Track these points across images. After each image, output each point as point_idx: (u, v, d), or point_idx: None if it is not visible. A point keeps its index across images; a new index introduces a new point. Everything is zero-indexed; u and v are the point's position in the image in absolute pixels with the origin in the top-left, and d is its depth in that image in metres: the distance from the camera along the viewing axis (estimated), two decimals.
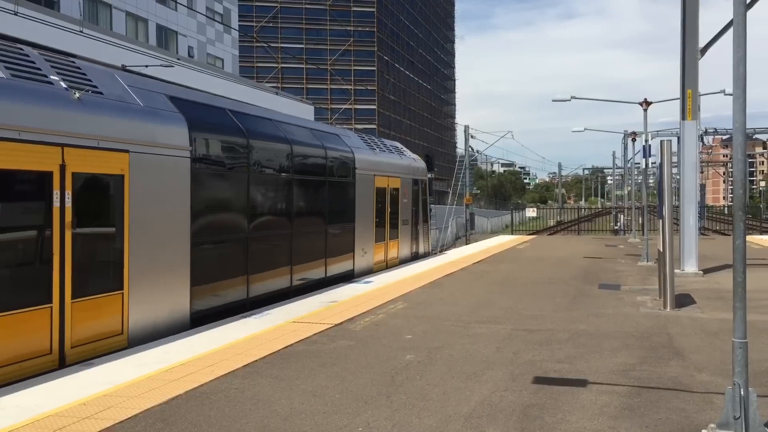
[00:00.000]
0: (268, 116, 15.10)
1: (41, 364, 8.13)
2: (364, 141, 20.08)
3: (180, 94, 11.90)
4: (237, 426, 6.21)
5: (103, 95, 9.59)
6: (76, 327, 8.66)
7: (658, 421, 6.36)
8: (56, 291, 8.38)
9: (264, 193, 13.65)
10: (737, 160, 6.12)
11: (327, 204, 16.35)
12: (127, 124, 9.70)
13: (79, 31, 20.72)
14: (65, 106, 8.69)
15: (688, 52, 18.30)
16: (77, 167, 8.72)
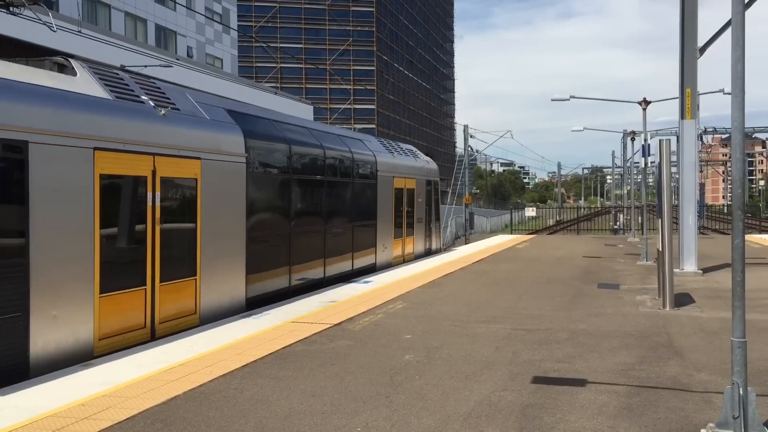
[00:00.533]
0: (304, 125, 16.80)
1: (138, 336, 9.74)
2: (383, 145, 21.52)
3: (235, 108, 13.66)
4: (235, 426, 6.20)
5: (180, 111, 11.22)
6: (162, 306, 10.32)
7: (657, 420, 6.35)
8: (149, 276, 10.02)
9: (302, 194, 15.25)
10: (736, 159, 6.12)
11: (353, 203, 17.86)
12: (199, 135, 11.33)
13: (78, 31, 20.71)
14: (155, 122, 10.33)
15: (686, 51, 18.30)
16: (164, 173, 10.37)
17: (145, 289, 9.93)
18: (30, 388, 7.27)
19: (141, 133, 9.92)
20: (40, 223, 8.19)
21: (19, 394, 7.06)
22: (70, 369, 8.08)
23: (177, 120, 10.90)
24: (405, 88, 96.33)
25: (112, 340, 9.28)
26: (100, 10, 40.32)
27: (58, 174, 8.50)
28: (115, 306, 9.36)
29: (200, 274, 11.18)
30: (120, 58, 24.34)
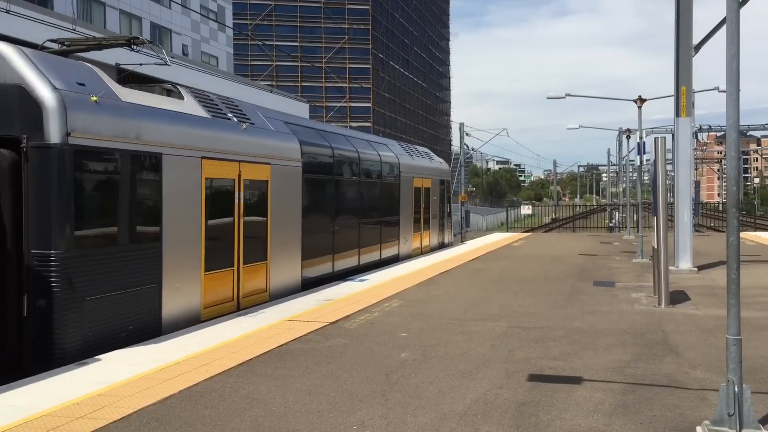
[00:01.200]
0: (342, 132, 19.32)
1: (228, 308, 11.92)
2: (404, 148, 23.87)
3: (289, 120, 15.98)
4: (231, 425, 6.19)
5: (254, 125, 13.40)
6: (245, 284, 12.54)
7: (653, 418, 6.36)
8: (236, 259, 12.20)
9: (342, 193, 17.50)
10: (731, 156, 6.12)
11: (381, 201, 20.19)
12: (269, 144, 13.59)
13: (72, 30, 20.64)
14: (239, 134, 12.53)
15: (682, 49, 18.33)
16: (246, 176, 12.60)
17: (233, 269, 12.19)
18: (25, 387, 7.25)
19: (231, 143, 12.15)
20: (168, 216, 10.37)
21: (14, 393, 7.04)
22: (66, 368, 8.07)
23: (253, 132, 13.17)
24: (401, 86, 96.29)
25: (212, 309, 11.39)
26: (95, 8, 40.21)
27: (180, 178, 10.70)
28: (214, 282, 11.53)
29: (270, 259, 13.53)
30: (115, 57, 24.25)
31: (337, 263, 16.83)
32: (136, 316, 9.71)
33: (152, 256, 9.99)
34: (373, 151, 20.04)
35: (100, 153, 9.19)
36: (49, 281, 8.41)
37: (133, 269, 9.64)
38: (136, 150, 9.78)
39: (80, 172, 8.86)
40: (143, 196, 10.01)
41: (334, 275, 16.47)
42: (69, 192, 8.65)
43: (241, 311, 11.87)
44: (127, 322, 9.51)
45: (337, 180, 17.10)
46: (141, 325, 9.73)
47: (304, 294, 14.02)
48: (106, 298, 9.11)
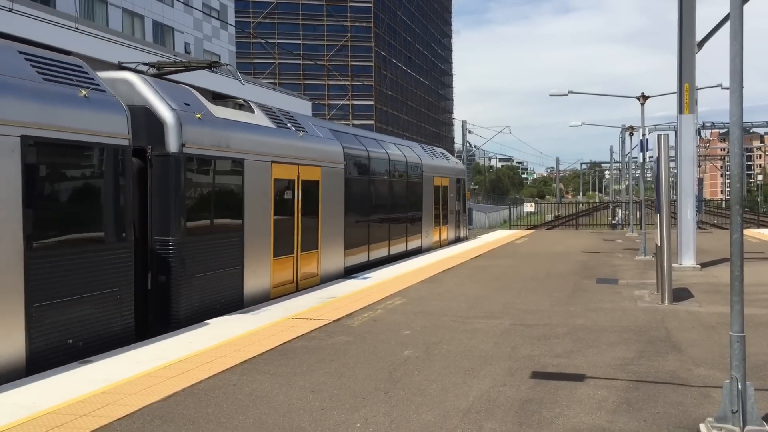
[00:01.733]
0: (374, 137, 21.70)
1: (289, 288, 14.14)
2: (425, 150, 26.14)
3: (333, 127, 18.52)
4: (235, 422, 6.21)
5: (307, 133, 15.62)
6: (302, 269, 14.78)
7: (656, 415, 6.36)
8: (295, 247, 14.47)
9: (376, 191, 19.70)
10: (734, 153, 6.12)
11: (407, 198, 22.36)
12: (319, 149, 15.76)
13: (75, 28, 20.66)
14: (297, 141, 14.81)
15: (684, 46, 18.28)
16: (303, 177, 14.80)
17: (293, 256, 14.40)
18: (29, 385, 7.27)
19: (291, 149, 14.40)
20: (248, 211, 12.60)
21: (17, 391, 7.06)
22: (67, 366, 8.08)
23: (307, 139, 15.34)
24: (403, 83, 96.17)
25: (278, 289, 13.67)
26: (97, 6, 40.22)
27: (256, 179, 12.89)
28: (279, 266, 13.79)
29: (320, 248, 15.69)
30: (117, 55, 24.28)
31: (372, 253, 19.21)
32: (227, 291, 12.02)
33: (237, 243, 12.37)
34: (400, 153, 22.25)
35: (203, 160, 11.39)
36: (168, 261, 10.65)
37: (224, 254, 12.00)
38: (227, 156, 12.09)
39: (190, 175, 11.05)
40: (231, 195, 12.26)
41: (369, 263, 18.82)
42: (182, 191, 10.87)
43: (245, 309, 11.97)
44: (221, 296, 11.83)
45: (372, 179, 19.37)
46: (230, 299, 12.07)
47: (306, 292, 14.05)
48: (206, 276, 11.41)
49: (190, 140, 11.01)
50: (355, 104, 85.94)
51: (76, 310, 8.64)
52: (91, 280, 8.90)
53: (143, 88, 10.98)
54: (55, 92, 8.66)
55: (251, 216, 12.69)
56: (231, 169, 12.22)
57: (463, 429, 6.02)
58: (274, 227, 13.54)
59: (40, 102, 8.36)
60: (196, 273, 11.08)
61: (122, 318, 9.44)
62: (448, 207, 27.03)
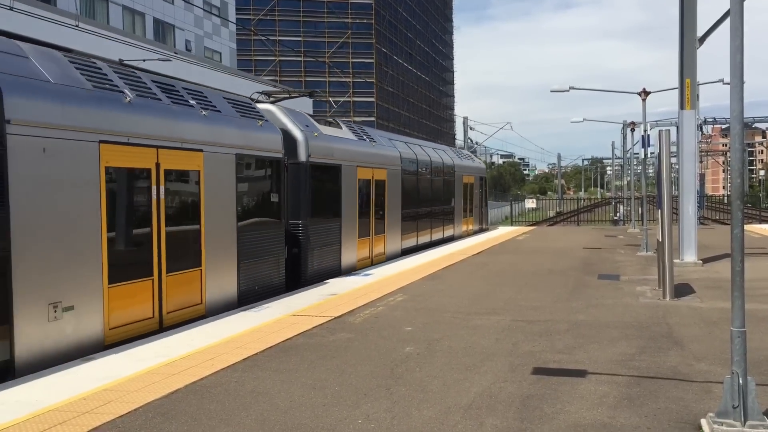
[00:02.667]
0: (418, 142, 26.12)
1: (367, 263, 18.42)
2: (454, 152, 31.10)
3: (390, 136, 22.95)
4: (237, 419, 6.22)
5: (376, 142, 20.07)
6: (374, 248, 19.11)
7: (657, 410, 6.37)
8: (371, 231, 18.83)
9: (422, 188, 23.92)
10: (734, 149, 6.11)
11: (444, 194, 26.61)
12: (384, 154, 20.23)
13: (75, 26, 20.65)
14: (373, 149, 19.38)
15: (686, 42, 18.25)
16: (375, 177, 19.20)
17: (369, 238, 18.85)
18: (31, 383, 7.29)
19: (369, 156, 18.85)
20: (343, 202, 16.95)
21: (20, 388, 7.08)
22: (71, 363, 8.10)
23: (377, 147, 19.95)
24: (404, 80, 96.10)
25: (360, 263, 18.08)
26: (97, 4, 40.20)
27: (348, 179, 17.24)
28: (362, 246, 18.28)
29: (386, 232, 20.12)
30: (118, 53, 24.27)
31: (419, 238, 23.58)
32: (332, 262, 16.34)
33: (337, 227, 16.69)
34: (438, 155, 26.49)
35: (318, 166, 15.73)
36: (299, 238, 14.94)
37: (330, 234, 16.29)
38: (332, 163, 16.46)
39: (311, 177, 15.25)
40: (334, 191, 16.64)
41: (417, 247, 23.04)
42: (307, 188, 15.15)
43: (243, 306, 11.98)
44: (329, 265, 16.11)
45: (418, 178, 23.55)
46: (333, 268, 16.38)
47: (308, 288, 14.07)
48: (321, 249, 15.75)
49: (312, 152, 15.41)
50: (356, 101, 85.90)
51: (259, 267, 12.96)
52: (266, 248, 13.26)
53: (281, 115, 15.31)
54: (246, 124, 12.89)
55: (344, 206, 17.10)
56: (333, 173, 16.60)
57: (464, 425, 6.03)
58: (358, 216, 17.96)
59: (241, 130, 12.64)
60: (316, 247, 15.52)
61: (279, 275, 13.78)
62: (473, 201, 31.27)
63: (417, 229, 23.23)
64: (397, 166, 21.04)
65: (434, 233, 25.30)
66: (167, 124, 10.56)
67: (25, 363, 7.86)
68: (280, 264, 13.77)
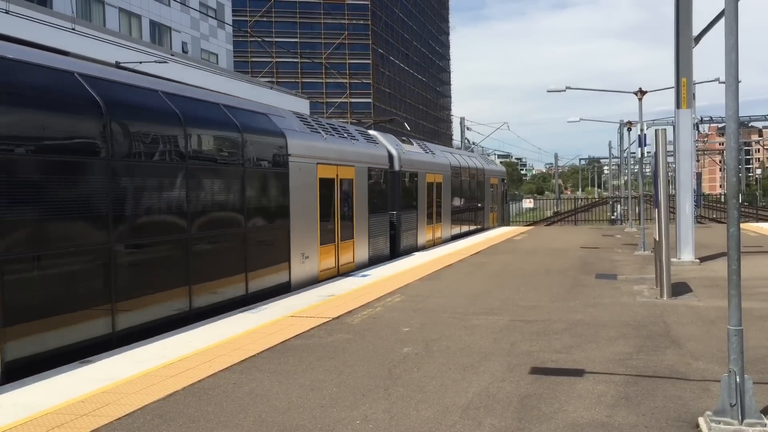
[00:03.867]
0: (458, 152, 34.20)
1: (431, 244, 25.11)
2: (482, 158, 39.68)
3: (442, 148, 30.34)
4: (235, 421, 6.22)
5: (435, 154, 26.71)
6: (434, 233, 25.61)
7: (655, 409, 6.38)
8: (434, 220, 25.57)
9: (463, 188, 30.60)
10: (730, 147, 6.13)
11: (476, 193, 33.46)
12: (439, 163, 26.44)
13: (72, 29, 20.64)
14: (433, 159, 26.03)
15: (682, 41, 18.29)
16: (437, 180, 25.71)
17: (432, 225, 25.08)
18: (30, 385, 7.28)
19: (432, 165, 25.29)
20: (418, 200, 23.46)
21: (18, 391, 7.07)
22: (68, 366, 8.10)
23: (437, 157, 26.66)
24: (401, 81, 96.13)
25: (428, 243, 24.17)
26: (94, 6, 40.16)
27: (422, 181, 23.77)
28: (429, 231, 24.53)
29: (442, 221, 26.55)
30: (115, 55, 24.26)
31: (462, 228, 30.00)
32: (412, 241, 22.73)
33: (414, 216, 23.08)
34: (472, 162, 33.64)
35: (406, 173, 22.10)
36: (394, 223, 21.17)
37: (411, 221, 22.61)
38: (412, 171, 22.78)
39: (402, 181, 21.58)
40: (413, 190, 22.97)
41: (460, 234, 29.53)
42: (399, 189, 21.43)
43: (247, 305, 11.99)
44: (410, 243, 22.44)
45: (461, 181, 30.10)
46: (413, 245, 22.66)
47: (306, 290, 14.07)
48: (406, 232, 22.08)
49: (402, 164, 21.95)
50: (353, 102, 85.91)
51: (378, 241, 19.70)
52: (381, 229, 19.98)
53: (381, 138, 21.84)
54: (370, 146, 19.96)
55: (419, 203, 23.69)
56: (412, 177, 23.03)
57: (462, 425, 6.04)
58: (426, 208, 24.38)
59: (368, 151, 19.52)
60: (404, 230, 22.01)
61: (386, 248, 20.60)
62: (497, 199, 38.17)
63: (460, 220, 29.78)
64: (448, 172, 27.66)
65: (471, 224, 32.09)
66: (340, 150, 17.47)
67: (293, 284, 14.51)
68: (387, 240, 20.82)
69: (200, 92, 12.87)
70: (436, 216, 25.61)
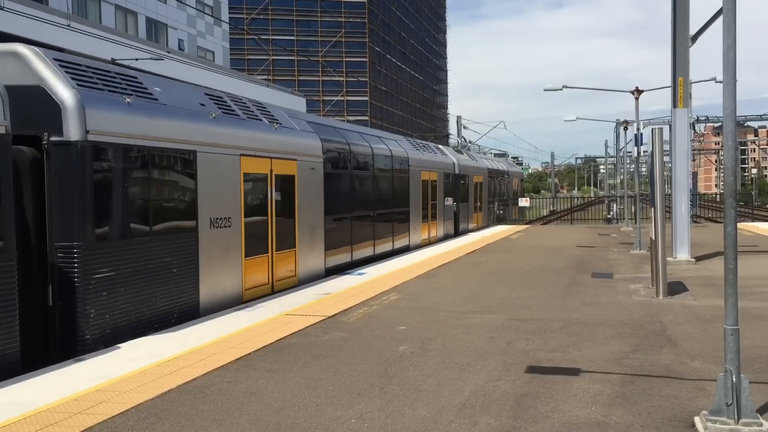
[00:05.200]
0: (491, 158, 47.04)
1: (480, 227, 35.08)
2: (507, 162, 50.50)
3: (478, 153, 47.69)
4: (230, 419, 6.19)
5: (476, 160, 37.17)
6: (460, 225, 31.24)
7: (651, 408, 6.37)
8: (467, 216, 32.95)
9: (497, 187, 40.65)
10: (727, 146, 6.11)
11: (504, 190, 42.56)
12: (480, 167, 36.28)
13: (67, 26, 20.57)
14: (474, 164, 35.51)
15: (678, 40, 18.29)
16: (476, 180, 34.61)
17: (482, 213, 35.86)
18: (23, 383, 7.25)
19: (472, 168, 33.69)
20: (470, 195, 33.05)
21: (12, 389, 7.04)
22: (62, 364, 8.06)
23: (475, 161, 35.79)
24: (397, 79, 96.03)
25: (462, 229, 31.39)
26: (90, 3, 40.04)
27: (470, 183, 33.21)
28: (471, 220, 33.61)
29: (483, 212, 35.77)
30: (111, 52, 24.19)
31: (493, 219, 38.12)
32: (466, 225, 31.98)
33: (467, 207, 32.16)
34: (503, 165, 43.99)
35: (461, 175, 30.99)
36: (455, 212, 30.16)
37: (465, 210, 31.90)
38: (465, 173, 31.70)
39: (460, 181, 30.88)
40: (466, 187, 32.13)
41: (491, 224, 37.10)
42: (456, 187, 30.09)
43: (243, 302, 11.97)
44: (464, 227, 31.32)
45: (498, 182, 39.38)
46: (465, 229, 31.35)
47: (302, 288, 14.04)
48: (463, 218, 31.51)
49: (459, 168, 30.44)
50: (349, 100, 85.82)
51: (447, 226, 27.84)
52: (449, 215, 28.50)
53: (444, 149, 31.19)
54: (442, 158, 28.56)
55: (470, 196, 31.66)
56: (465, 179, 30.82)
57: (458, 424, 6.02)
58: (473, 203, 32.87)
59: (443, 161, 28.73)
60: (461, 217, 30.07)
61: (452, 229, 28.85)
62: (518, 196, 47.40)
63: (490, 212, 37.93)
64: (485, 173, 36.52)
65: (503, 216, 41.38)
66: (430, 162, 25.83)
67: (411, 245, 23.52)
68: (452, 223, 29.11)
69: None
70: (476, 207, 33.97)
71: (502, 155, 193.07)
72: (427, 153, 27.22)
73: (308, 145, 16.00)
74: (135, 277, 9.76)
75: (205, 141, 11.57)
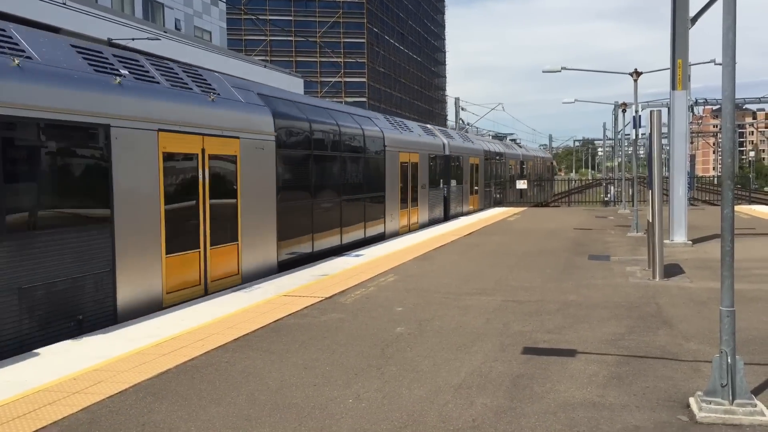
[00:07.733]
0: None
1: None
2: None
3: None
4: (227, 399, 6.23)
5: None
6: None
7: (646, 389, 6.41)
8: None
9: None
10: (726, 128, 6.10)
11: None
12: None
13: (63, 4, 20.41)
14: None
15: (678, 22, 18.20)
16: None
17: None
18: (22, 362, 7.27)
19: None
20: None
21: (10, 368, 7.06)
22: (61, 343, 8.08)
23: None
24: (396, 60, 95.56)
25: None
26: None
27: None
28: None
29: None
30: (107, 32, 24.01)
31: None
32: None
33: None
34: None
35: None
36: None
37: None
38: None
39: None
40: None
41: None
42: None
43: (244, 283, 11.98)
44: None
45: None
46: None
47: (299, 269, 14.05)
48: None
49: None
50: (347, 81, 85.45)
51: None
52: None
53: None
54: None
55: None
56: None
57: (455, 404, 6.06)
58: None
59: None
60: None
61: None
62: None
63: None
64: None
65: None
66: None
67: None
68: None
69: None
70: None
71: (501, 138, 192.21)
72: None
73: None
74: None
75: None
